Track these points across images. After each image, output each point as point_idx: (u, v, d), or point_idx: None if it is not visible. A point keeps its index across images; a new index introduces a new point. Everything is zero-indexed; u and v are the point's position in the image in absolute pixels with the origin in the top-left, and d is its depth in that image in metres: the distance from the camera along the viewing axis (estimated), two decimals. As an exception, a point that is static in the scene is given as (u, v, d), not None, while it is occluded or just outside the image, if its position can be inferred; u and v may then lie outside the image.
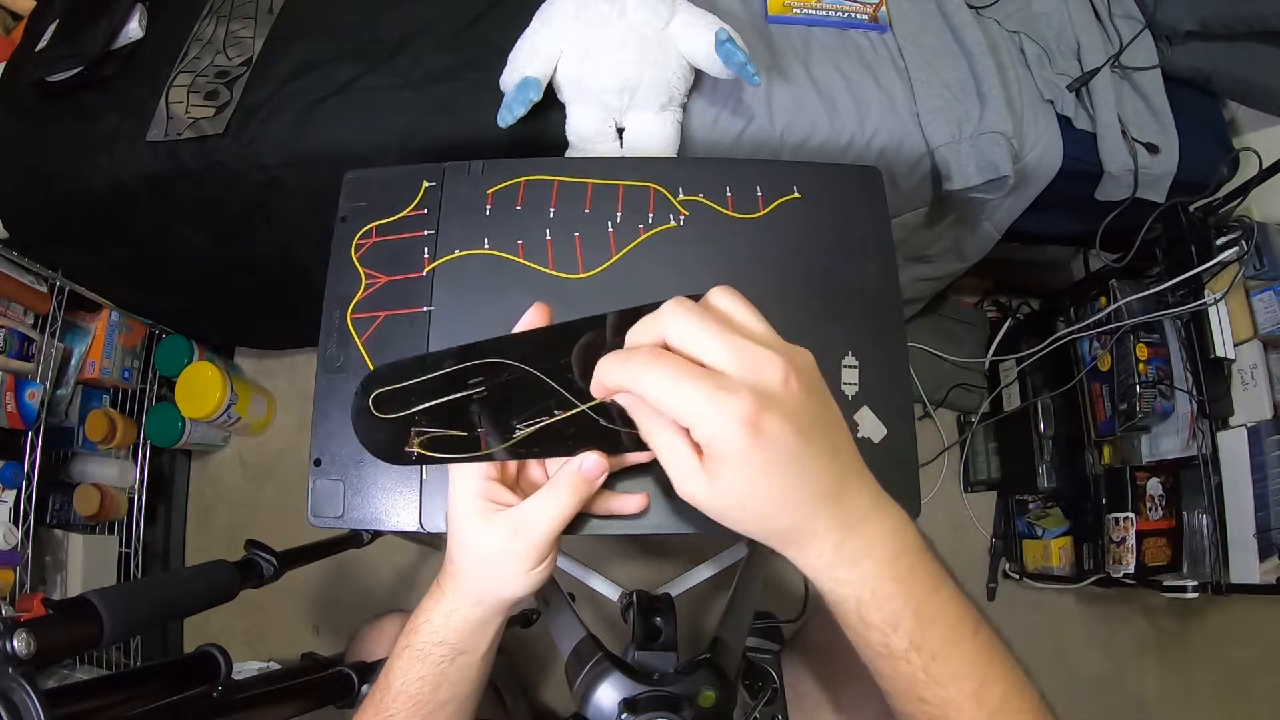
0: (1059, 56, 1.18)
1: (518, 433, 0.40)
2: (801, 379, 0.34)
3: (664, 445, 0.35)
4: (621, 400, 0.37)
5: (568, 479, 0.41)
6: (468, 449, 0.40)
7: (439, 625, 0.46)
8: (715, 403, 0.32)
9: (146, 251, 1.24)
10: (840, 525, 0.36)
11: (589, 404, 0.39)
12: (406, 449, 0.39)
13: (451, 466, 0.43)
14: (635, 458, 0.43)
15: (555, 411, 0.39)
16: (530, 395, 0.39)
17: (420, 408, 0.39)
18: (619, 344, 0.37)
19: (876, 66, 1.11)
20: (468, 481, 0.43)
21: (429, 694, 0.46)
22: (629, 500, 0.49)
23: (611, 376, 0.35)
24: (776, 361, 0.33)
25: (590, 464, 0.41)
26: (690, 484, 0.34)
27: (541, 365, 0.38)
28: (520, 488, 0.46)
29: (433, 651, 0.46)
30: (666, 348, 0.34)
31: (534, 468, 0.47)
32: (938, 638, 0.37)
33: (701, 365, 0.33)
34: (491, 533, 0.42)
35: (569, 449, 0.41)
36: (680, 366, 0.32)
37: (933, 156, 1.09)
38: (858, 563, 0.36)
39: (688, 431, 0.34)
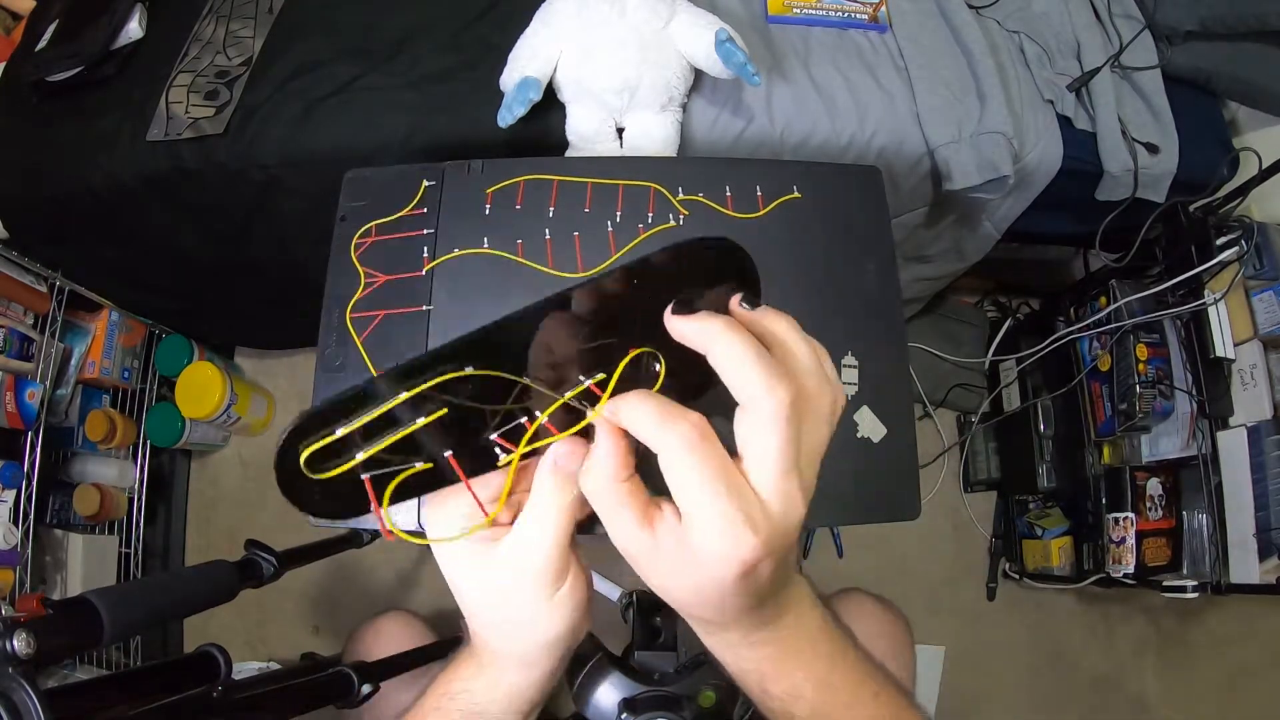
0: (1059, 56, 1.18)
1: (498, 450, 0.34)
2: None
3: (610, 504, 0.31)
4: (598, 425, 0.32)
5: (545, 487, 0.34)
6: (437, 481, 0.33)
7: (481, 698, 0.39)
8: (732, 532, 0.29)
9: (146, 251, 1.24)
10: (754, 622, 0.35)
11: (570, 394, 0.33)
12: (363, 503, 0.32)
13: (424, 512, 0.36)
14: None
15: (535, 411, 0.34)
16: (497, 399, 0.33)
17: (364, 455, 0.31)
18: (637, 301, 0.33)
19: (876, 66, 1.11)
20: (449, 520, 0.35)
21: None
22: None
23: (641, 428, 0.31)
24: (802, 509, 0.31)
25: (563, 456, 0.33)
26: (631, 546, 0.31)
27: (504, 364, 0.33)
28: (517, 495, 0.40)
29: None
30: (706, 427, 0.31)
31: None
32: (839, 704, 0.38)
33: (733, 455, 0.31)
34: (492, 577, 0.35)
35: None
36: (721, 470, 0.29)
37: (933, 156, 1.09)
38: (761, 646, 0.36)
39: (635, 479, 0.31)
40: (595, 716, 0.49)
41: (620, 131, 1.01)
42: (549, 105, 0.98)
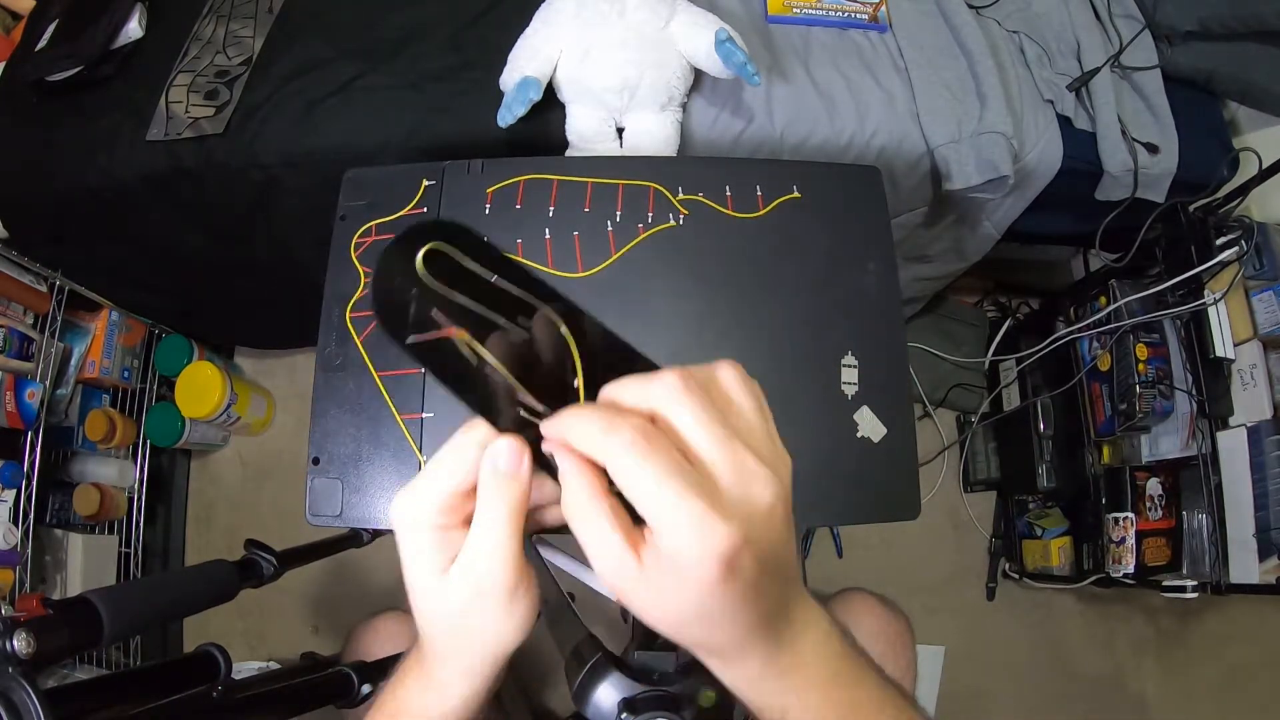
0: (1059, 56, 1.18)
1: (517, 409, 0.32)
2: (786, 504, 0.30)
3: (594, 534, 0.29)
4: (556, 454, 0.30)
5: (488, 492, 0.32)
6: (464, 386, 0.32)
7: (434, 712, 0.39)
8: (700, 525, 0.27)
9: (146, 251, 1.24)
10: (772, 643, 0.34)
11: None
12: (412, 335, 0.31)
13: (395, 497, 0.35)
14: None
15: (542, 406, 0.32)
16: (542, 373, 0.32)
17: (462, 300, 0.31)
18: (595, 380, 0.31)
19: (876, 66, 1.11)
20: (419, 509, 0.34)
21: None
22: None
23: (586, 441, 0.29)
24: (771, 484, 0.29)
25: (502, 455, 0.31)
26: (619, 577, 0.29)
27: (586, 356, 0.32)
28: None
29: None
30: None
31: None
32: None
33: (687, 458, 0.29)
34: (451, 595, 0.34)
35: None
36: (673, 465, 0.28)
37: (932, 156, 1.09)
38: (784, 676, 0.35)
39: (627, 511, 0.29)
40: (595, 716, 0.49)
41: (620, 131, 1.01)
42: (549, 105, 0.98)
